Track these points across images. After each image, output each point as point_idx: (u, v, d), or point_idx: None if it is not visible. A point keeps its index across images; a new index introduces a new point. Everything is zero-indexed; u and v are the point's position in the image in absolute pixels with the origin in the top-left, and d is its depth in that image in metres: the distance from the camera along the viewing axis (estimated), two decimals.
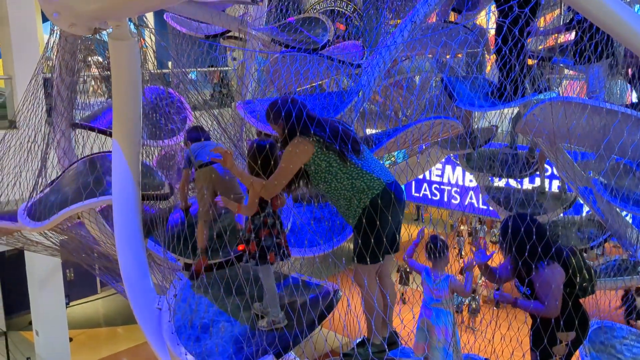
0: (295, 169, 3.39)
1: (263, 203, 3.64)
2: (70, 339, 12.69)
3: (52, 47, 5.57)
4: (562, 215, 6.85)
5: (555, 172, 7.87)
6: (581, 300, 4.07)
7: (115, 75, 3.88)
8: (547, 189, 7.49)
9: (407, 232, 4.55)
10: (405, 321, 4.10)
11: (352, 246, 3.59)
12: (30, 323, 12.57)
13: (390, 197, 3.36)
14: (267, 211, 3.66)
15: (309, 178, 3.53)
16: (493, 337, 4.26)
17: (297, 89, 5.46)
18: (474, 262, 4.15)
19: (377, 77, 5.17)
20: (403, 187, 3.63)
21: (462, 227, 15.77)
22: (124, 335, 15.08)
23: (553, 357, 3.99)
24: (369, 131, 6.42)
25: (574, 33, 5.50)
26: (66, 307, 12.53)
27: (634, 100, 5.95)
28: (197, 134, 4.60)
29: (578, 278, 3.90)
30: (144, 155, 4.58)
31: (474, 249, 4.23)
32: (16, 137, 5.95)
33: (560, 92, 6.03)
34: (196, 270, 4.25)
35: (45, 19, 14.61)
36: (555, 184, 8.89)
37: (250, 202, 3.63)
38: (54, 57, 5.60)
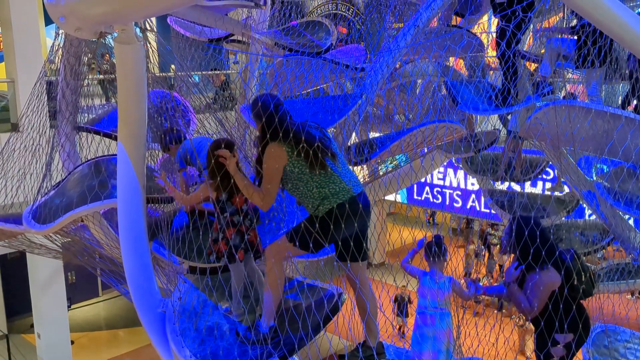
0: (278, 173, 3.47)
1: (226, 202, 3.72)
2: (72, 342, 12.69)
3: (57, 50, 5.60)
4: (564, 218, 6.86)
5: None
6: (584, 304, 4.08)
7: (121, 79, 3.89)
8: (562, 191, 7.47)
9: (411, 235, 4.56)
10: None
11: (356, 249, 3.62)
12: (32, 326, 12.56)
13: (356, 207, 3.44)
14: (230, 210, 3.72)
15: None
16: (497, 341, 4.26)
17: (301, 92, 5.47)
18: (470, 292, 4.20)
19: (380, 80, 5.18)
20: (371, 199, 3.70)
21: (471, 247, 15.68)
22: (125, 338, 15.07)
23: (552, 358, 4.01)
24: (372, 135, 6.43)
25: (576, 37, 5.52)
26: (68, 310, 12.54)
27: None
28: (177, 135, 4.61)
29: (576, 281, 3.93)
30: (149, 159, 4.59)
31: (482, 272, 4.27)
32: (20, 140, 5.97)
33: (563, 95, 6.04)
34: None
35: (48, 23, 14.64)
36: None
37: (193, 196, 3.86)
38: (58, 60, 5.62)
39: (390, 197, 10.85)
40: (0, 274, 15.37)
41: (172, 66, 5.61)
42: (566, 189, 7.32)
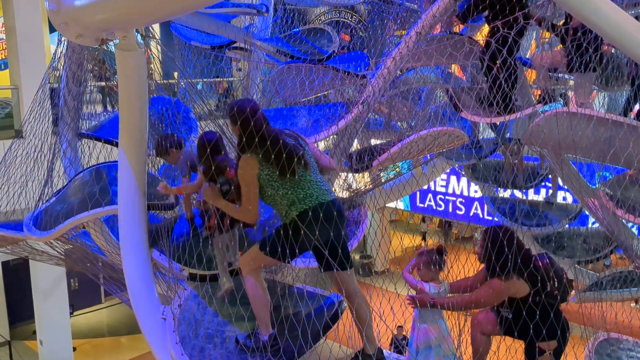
0: (255, 183, 3.51)
1: (218, 175, 3.82)
2: (74, 349, 12.69)
3: (59, 57, 5.62)
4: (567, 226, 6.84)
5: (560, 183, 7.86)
6: (586, 312, 4.08)
7: (122, 86, 3.90)
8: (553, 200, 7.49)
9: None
10: None
11: (357, 257, 3.63)
12: (34, 332, 12.58)
13: (326, 213, 3.45)
14: (220, 180, 3.80)
15: None
16: (498, 349, 4.24)
17: (300, 100, 5.48)
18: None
19: (382, 87, 5.17)
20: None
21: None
22: (127, 345, 15.07)
23: None
24: (374, 142, 6.43)
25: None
26: (70, 317, 12.54)
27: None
28: (177, 140, 4.61)
29: (548, 286, 3.94)
30: (150, 165, 4.59)
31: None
32: (23, 146, 5.99)
33: (568, 103, 6.02)
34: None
35: (52, 30, 14.72)
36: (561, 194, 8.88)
37: (195, 184, 4.05)
38: (61, 67, 5.64)
39: (392, 205, 10.85)
40: (3, 280, 15.41)
41: (175, 73, 5.63)
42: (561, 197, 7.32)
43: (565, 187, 6.89)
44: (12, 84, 10.72)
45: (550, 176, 7.46)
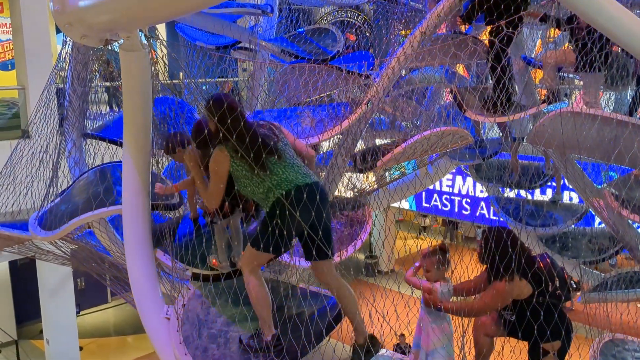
0: (223, 176, 3.62)
1: None
2: (81, 348, 12.75)
3: (65, 57, 5.64)
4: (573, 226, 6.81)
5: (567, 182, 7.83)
6: (591, 312, 4.07)
7: (126, 86, 3.91)
8: (560, 199, 7.45)
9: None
10: None
11: (361, 257, 3.64)
12: (41, 332, 12.63)
13: (303, 196, 3.46)
14: None
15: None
16: (502, 350, 4.23)
17: (306, 100, 5.48)
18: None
19: (386, 87, 5.16)
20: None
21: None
22: (133, 344, 15.12)
23: None
24: (378, 142, 6.42)
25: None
26: (77, 316, 12.59)
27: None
28: (181, 139, 4.63)
29: (551, 286, 3.93)
30: (154, 165, 4.60)
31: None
32: (28, 146, 6.02)
33: (571, 103, 6.00)
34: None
35: (59, 30, 14.78)
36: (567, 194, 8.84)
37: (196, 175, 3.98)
38: (67, 67, 5.66)
39: (397, 205, 10.83)
40: (10, 280, 15.50)
41: (181, 73, 5.64)
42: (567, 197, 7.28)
43: (570, 186, 6.87)
44: (19, 84, 10.77)
45: (555, 176, 7.43)
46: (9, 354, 13.90)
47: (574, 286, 4.31)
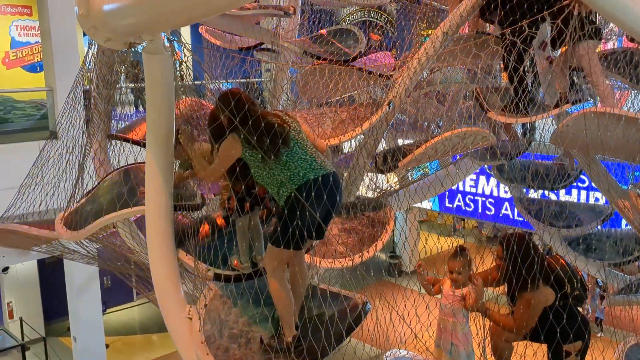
0: (229, 162, 3.69)
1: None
2: (107, 346, 12.90)
3: (91, 60, 5.72)
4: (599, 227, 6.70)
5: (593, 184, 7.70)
6: (615, 315, 4.02)
7: (149, 88, 3.96)
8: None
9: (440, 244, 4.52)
10: None
11: (383, 257, 3.66)
12: (69, 329, 12.82)
13: (317, 189, 3.48)
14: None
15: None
16: (524, 353, 4.19)
17: (328, 101, 5.48)
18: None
19: (408, 88, 5.14)
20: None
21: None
22: (158, 342, 15.28)
23: None
24: (401, 142, 6.40)
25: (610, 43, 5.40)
26: (103, 314, 12.75)
27: None
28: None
29: (569, 290, 3.90)
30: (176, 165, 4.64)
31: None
32: (55, 147, 6.12)
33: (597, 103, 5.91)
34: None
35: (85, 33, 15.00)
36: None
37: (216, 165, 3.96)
38: (92, 69, 5.75)
39: (419, 205, 10.77)
40: (39, 278, 15.77)
41: (206, 75, 5.70)
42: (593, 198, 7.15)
43: (595, 187, 6.77)
44: (47, 86, 10.94)
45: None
46: (37, 350, 14.14)
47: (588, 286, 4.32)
